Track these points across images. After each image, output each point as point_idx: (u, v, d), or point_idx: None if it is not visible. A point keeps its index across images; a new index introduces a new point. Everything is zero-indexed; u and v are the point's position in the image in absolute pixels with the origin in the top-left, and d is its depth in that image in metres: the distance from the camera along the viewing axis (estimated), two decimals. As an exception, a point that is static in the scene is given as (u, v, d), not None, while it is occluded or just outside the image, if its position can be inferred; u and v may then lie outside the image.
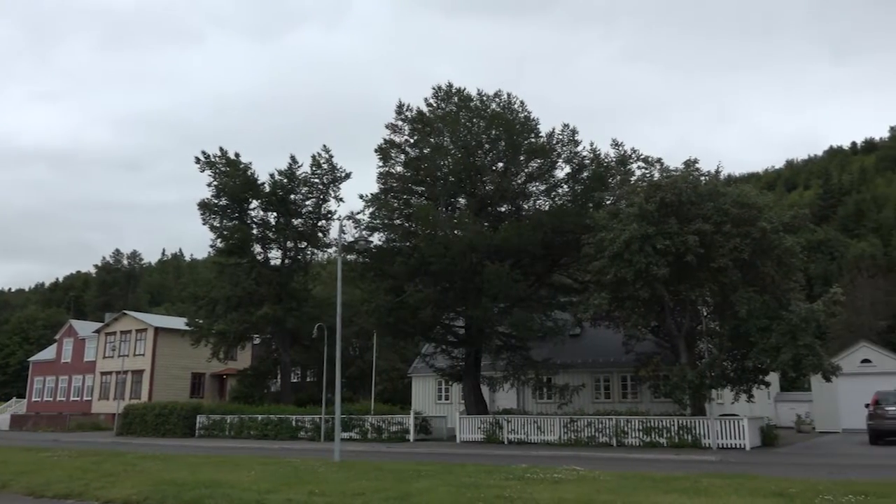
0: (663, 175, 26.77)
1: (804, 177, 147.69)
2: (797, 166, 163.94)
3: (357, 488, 13.24)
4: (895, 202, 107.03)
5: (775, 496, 11.53)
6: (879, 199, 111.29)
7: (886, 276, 64.12)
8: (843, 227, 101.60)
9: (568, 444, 27.88)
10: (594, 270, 25.92)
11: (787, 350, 23.66)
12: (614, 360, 33.50)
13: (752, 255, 24.42)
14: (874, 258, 75.64)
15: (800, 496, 11.40)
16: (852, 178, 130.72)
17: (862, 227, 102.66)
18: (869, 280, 55.70)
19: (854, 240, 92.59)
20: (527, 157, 31.21)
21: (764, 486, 12.82)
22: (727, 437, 25.60)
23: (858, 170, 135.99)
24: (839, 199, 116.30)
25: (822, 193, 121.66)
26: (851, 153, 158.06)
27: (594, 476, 14.78)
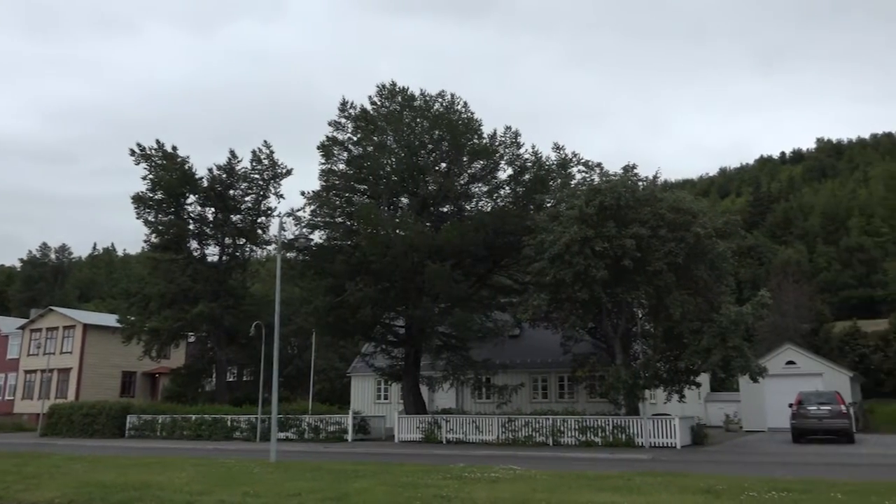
0: (603, 179, 27.28)
1: (736, 184, 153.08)
2: (730, 174, 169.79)
3: (293, 489, 13.06)
4: (820, 211, 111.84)
5: (704, 493, 11.88)
6: (805, 208, 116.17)
7: (810, 282, 66.99)
8: (771, 234, 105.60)
9: (506, 443, 28.12)
10: (534, 272, 26.24)
11: (718, 351, 24.43)
12: (552, 361, 33.97)
13: (687, 259, 25.12)
14: (799, 264, 78.83)
15: (727, 493, 11.78)
16: (781, 186, 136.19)
17: (789, 234, 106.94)
18: (794, 285, 57.95)
19: (781, 246, 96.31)
20: (469, 158, 31.37)
21: (693, 483, 13.20)
22: (659, 436, 26.24)
23: (787, 179, 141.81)
24: (768, 207, 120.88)
25: (752, 201, 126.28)
26: (780, 163, 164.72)
27: (531, 475, 14.94)
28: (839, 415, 27.23)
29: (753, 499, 11.13)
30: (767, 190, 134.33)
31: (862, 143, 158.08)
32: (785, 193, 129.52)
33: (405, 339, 32.62)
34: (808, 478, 14.12)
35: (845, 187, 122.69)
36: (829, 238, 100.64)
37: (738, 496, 11.40)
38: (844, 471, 16.71)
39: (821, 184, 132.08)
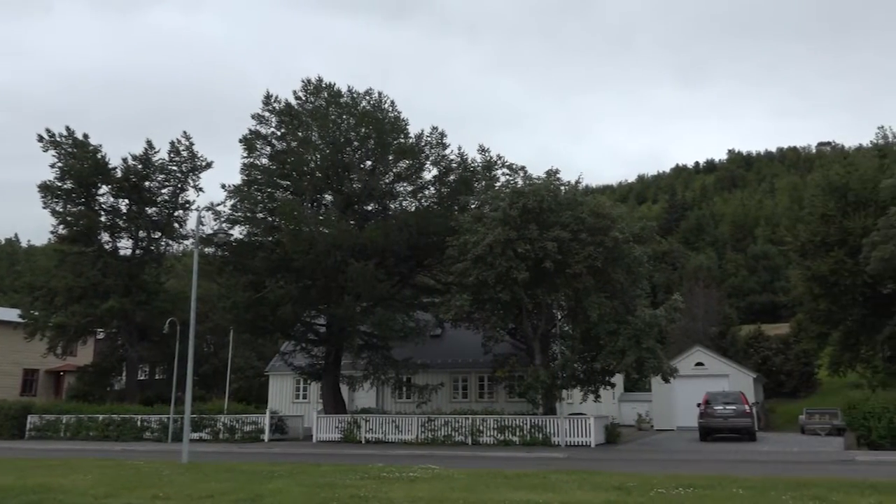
0: (527, 182, 27.69)
1: (653, 191, 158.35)
2: (647, 181, 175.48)
3: (205, 490, 12.70)
4: (730, 219, 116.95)
5: (615, 490, 12.23)
6: (717, 216, 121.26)
7: (719, 287, 69.88)
8: (684, 240, 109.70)
9: (425, 443, 28.18)
10: (457, 272, 26.40)
11: (632, 353, 25.21)
12: (473, 361, 34.25)
13: (605, 262, 25.80)
14: (710, 270, 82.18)
15: (637, 489, 12.17)
16: (694, 195, 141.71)
17: (701, 240, 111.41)
18: (704, 290, 60.32)
19: (693, 252, 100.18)
20: (395, 157, 31.27)
21: (606, 480, 13.58)
22: (575, 435, 26.86)
23: (700, 188, 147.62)
24: (682, 214, 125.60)
25: (668, 208, 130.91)
26: (695, 172, 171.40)
27: (449, 474, 15.03)
28: (743, 414, 28.52)
29: (662, 495, 11.53)
30: (682, 198, 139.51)
31: (769, 157, 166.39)
32: (698, 201, 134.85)
33: (326, 338, 32.23)
34: (713, 474, 14.74)
35: (753, 197, 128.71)
36: (737, 245, 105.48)
37: (648, 493, 11.79)
38: (746, 467, 17.54)
39: (731, 193, 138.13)
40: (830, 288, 34.77)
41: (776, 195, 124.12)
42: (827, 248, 35.30)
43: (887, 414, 24.14)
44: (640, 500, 11.08)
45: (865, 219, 33.57)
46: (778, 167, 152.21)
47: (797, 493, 11.40)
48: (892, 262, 28.39)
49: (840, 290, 34.38)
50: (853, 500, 10.77)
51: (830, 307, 35.93)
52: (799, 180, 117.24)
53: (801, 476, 14.42)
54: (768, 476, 14.38)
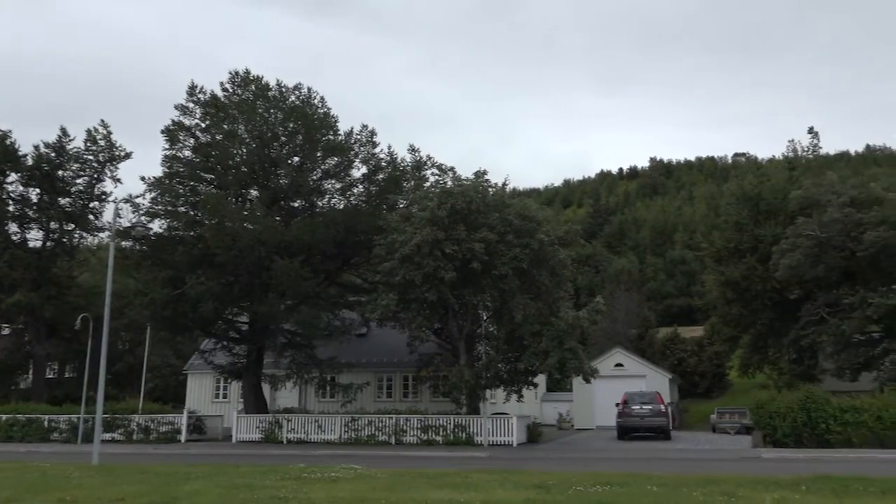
0: (455, 183, 27.84)
1: (578, 195, 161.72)
2: (573, 186, 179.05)
3: (116, 493, 12.21)
4: (651, 225, 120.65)
5: (536, 488, 12.42)
6: (639, 221, 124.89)
7: (640, 290, 72.04)
8: (607, 244, 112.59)
9: (348, 442, 27.97)
10: (384, 271, 26.31)
11: (555, 353, 25.69)
12: (398, 361, 34.18)
13: (530, 264, 26.20)
14: (630, 273, 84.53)
15: (556, 487, 12.40)
16: (618, 200, 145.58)
17: (623, 245, 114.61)
18: (625, 293, 62.07)
19: (616, 256, 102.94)
20: (324, 153, 30.88)
21: (527, 479, 13.78)
22: (498, 434, 27.17)
23: (623, 193, 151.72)
24: (606, 219, 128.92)
25: (592, 212, 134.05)
26: (619, 178, 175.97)
27: (371, 474, 14.94)
28: (659, 414, 29.48)
29: (580, 493, 11.79)
30: (606, 203, 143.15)
31: (689, 165, 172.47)
32: (621, 207, 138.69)
33: (248, 336, 31.54)
34: (629, 472, 15.16)
35: (673, 204, 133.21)
36: (657, 250, 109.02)
37: (567, 490, 12.03)
38: (661, 465, 18.12)
39: (652, 200, 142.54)
40: (742, 293, 36.33)
41: (694, 203, 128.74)
42: (740, 255, 36.88)
43: (791, 413, 25.39)
44: (559, 498, 11.29)
45: (775, 227, 35.24)
46: (697, 176, 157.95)
47: (707, 490, 11.85)
48: (799, 270, 29.89)
49: (751, 296, 35.97)
50: (758, 495, 11.27)
51: (742, 311, 37.55)
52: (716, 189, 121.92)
53: (711, 473, 15.01)
54: (681, 473, 14.90)
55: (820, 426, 25.04)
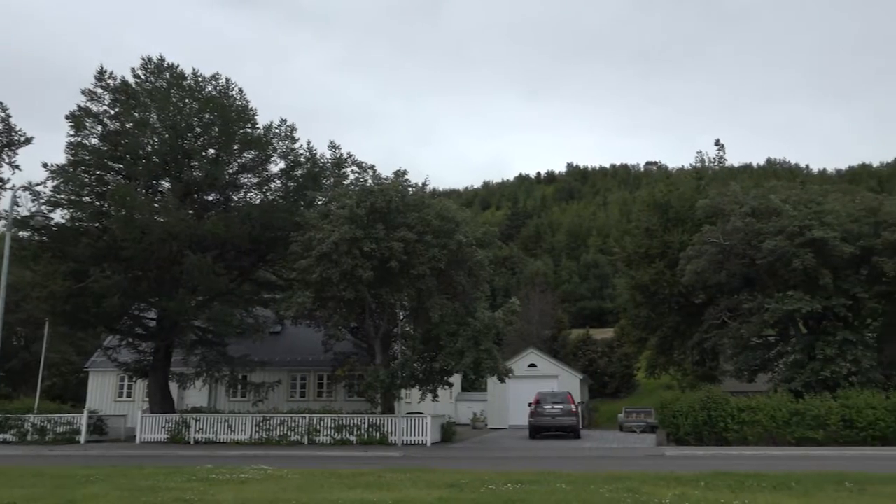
0: (375, 182, 27.72)
1: (497, 198, 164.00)
2: (492, 188, 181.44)
3: (7, 497, 11.53)
4: (566, 229, 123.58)
5: (448, 487, 12.51)
6: (555, 225, 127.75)
7: (554, 292, 73.77)
8: (524, 246, 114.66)
9: (259, 443, 27.41)
10: (300, 269, 25.92)
11: (471, 353, 25.95)
12: (313, 359, 33.74)
13: (448, 265, 26.37)
14: (546, 276, 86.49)
15: (469, 486, 12.52)
16: (535, 203, 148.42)
17: (539, 247, 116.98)
18: (540, 294, 63.41)
19: (532, 258, 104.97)
20: (241, 146, 30.10)
21: (439, 478, 13.85)
22: (412, 433, 27.20)
23: (541, 197, 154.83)
24: (523, 221, 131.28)
25: (510, 214, 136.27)
26: (536, 182, 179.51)
27: (282, 475, 14.69)
28: (569, 413, 30.22)
29: (492, 491, 11.95)
30: (524, 206, 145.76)
31: (603, 171, 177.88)
32: (538, 210, 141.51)
33: (156, 333, 30.39)
34: (540, 470, 15.49)
35: (588, 209, 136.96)
36: (571, 254, 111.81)
37: (479, 489, 12.16)
38: (570, 463, 18.58)
39: (568, 204, 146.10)
40: (651, 297, 37.68)
41: (608, 208, 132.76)
42: (649, 260, 38.24)
43: (693, 413, 26.57)
44: (471, 497, 11.40)
45: (683, 234, 36.71)
46: (611, 182, 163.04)
47: (613, 486, 12.24)
48: (704, 276, 31.23)
49: (659, 299, 37.34)
50: (660, 491, 11.72)
51: (650, 314, 38.94)
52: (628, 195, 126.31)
53: (617, 470, 15.51)
54: (589, 471, 15.33)
55: (719, 425, 26.30)
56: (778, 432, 25.78)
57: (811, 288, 28.48)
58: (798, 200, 30.66)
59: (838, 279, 28.62)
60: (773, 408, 26.16)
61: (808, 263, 27.89)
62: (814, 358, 28.34)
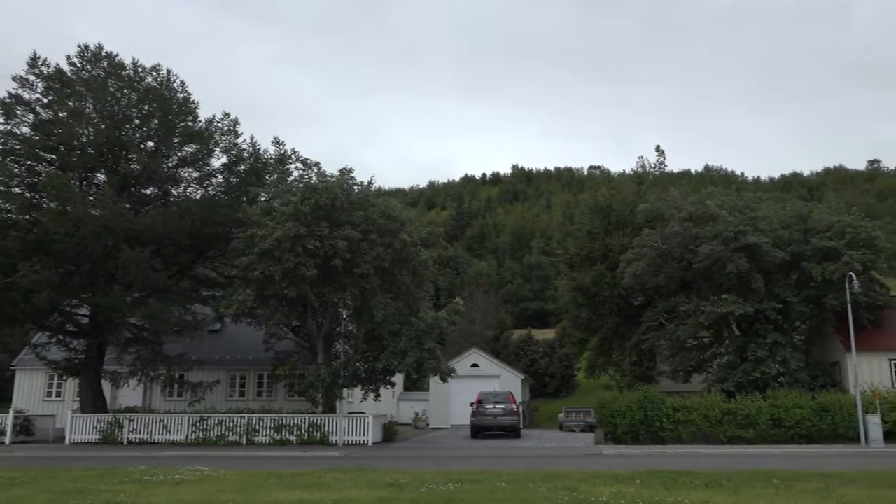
0: (320, 179, 27.43)
1: (442, 198, 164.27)
2: (437, 188, 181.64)
3: (-76, 502, 11.00)
4: (511, 230, 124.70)
5: (388, 486, 12.48)
6: (499, 226, 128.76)
7: (497, 293, 74.35)
8: (469, 247, 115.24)
9: (196, 443, 26.83)
10: (242, 266, 25.48)
11: (413, 353, 25.93)
12: (253, 358, 33.20)
13: (392, 264, 26.28)
14: (489, 276, 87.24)
15: (409, 486, 12.52)
16: (480, 204, 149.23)
17: (483, 248, 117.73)
18: (484, 295, 63.81)
19: (476, 259, 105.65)
20: (182, 140, 29.35)
21: (380, 478, 13.81)
22: (353, 433, 27.04)
23: (486, 198, 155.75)
24: (468, 222, 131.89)
25: (455, 215, 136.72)
26: (482, 183, 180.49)
27: (219, 475, 14.41)
28: (510, 413, 30.49)
29: (433, 490, 11.97)
30: (469, 206, 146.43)
31: (548, 174, 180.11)
32: (483, 211, 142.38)
33: (89, 330, 29.37)
34: (480, 469, 15.60)
35: (532, 211, 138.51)
36: (515, 255, 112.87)
37: (419, 488, 12.17)
38: (510, 462, 18.77)
39: (513, 206, 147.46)
40: (592, 298, 38.34)
41: (552, 210, 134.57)
42: (591, 262, 38.91)
43: (630, 412, 27.17)
44: (412, 496, 11.40)
45: (624, 238, 37.49)
46: (555, 185, 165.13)
47: (552, 485, 12.41)
48: (643, 278, 31.97)
49: (599, 301, 38.04)
50: (597, 489, 11.95)
51: (591, 316, 39.64)
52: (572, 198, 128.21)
53: (555, 469, 15.74)
54: (528, 470, 15.51)
55: (655, 424, 26.97)
56: (711, 431, 26.58)
57: (744, 291, 29.46)
58: (733, 207, 31.70)
59: (769, 283, 29.69)
60: (707, 407, 26.96)
61: (742, 268, 28.84)
62: (745, 359, 29.33)
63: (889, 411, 25.91)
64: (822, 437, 25.91)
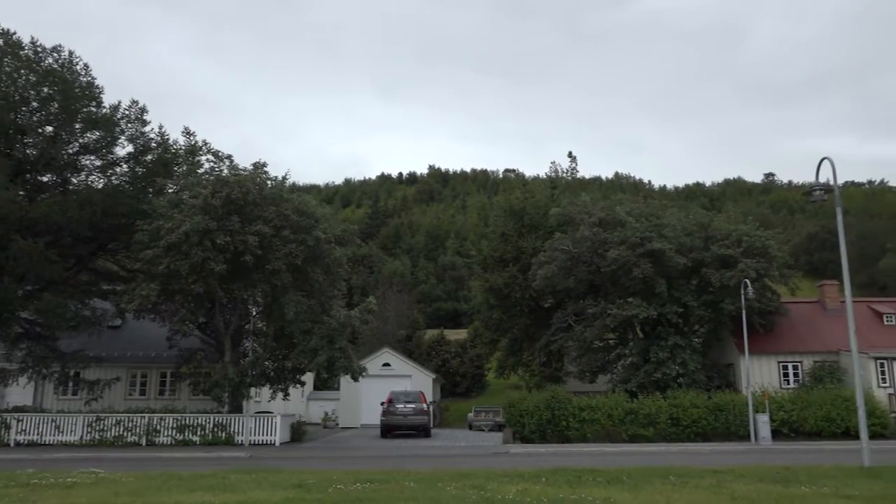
0: (232, 172, 26.70)
1: (358, 196, 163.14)
2: (353, 185, 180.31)
3: None
4: (426, 230, 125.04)
5: (295, 487, 12.28)
6: (414, 226, 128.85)
7: (411, 292, 74.42)
8: (383, 246, 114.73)
9: (92, 444, 25.63)
10: (146, 259, 24.53)
11: (325, 352, 25.62)
12: (155, 356, 31.93)
13: (305, 261, 25.88)
14: (403, 276, 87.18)
15: (316, 486, 12.36)
16: (396, 203, 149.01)
17: (398, 247, 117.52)
18: (397, 294, 63.73)
19: (390, 258, 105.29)
20: (84, 126, 27.88)
21: (286, 478, 13.57)
22: (260, 433, 26.48)
23: (402, 197, 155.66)
24: (383, 221, 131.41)
25: (370, 213, 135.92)
26: (398, 182, 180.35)
27: (115, 478, 13.81)
28: (421, 412, 30.61)
29: (340, 491, 11.86)
30: (384, 205, 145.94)
31: (464, 176, 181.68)
32: (399, 210, 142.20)
33: (-26, 325, 27.54)
34: (389, 469, 15.58)
35: (447, 212, 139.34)
36: (429, 255, 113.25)
37: (327, 489, 12.04)
38: (419, 461, 18.81)
39: (428, 206, 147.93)
40: (504, 299, 38.98)
41: (467, 212, 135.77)
42: (504, 264, 39.54)
43: (538, 412, 27.78)
44: (319, 497, 11.26)
45: (536, 241, 38.29)
46: (470, 186, 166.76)
47: (460, 484, 12.53)
48: (553, 281, 32.73)
49: (511, 302, 38.71)
50: (504, 487, 12.14)
51: (502, 316, 40.29)
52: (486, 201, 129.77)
53: (464, 468, 15.90)
54: (437, 469, 15.60)
55: (561, 423, 27.69)
56: (614, 430, 27.51)
57: (648, 295, 30.63)
58: (640, 214, 32.92)
59: (672, 288, 30.99)
60: (611, 407, 27.90)
61: (647, 272, 29.98)
62: (648, 360, 30.51)
63: (777, 410, 27.54)
64: (716, 435, 27.25)
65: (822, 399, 27.89)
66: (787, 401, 28.09)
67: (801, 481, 12.98)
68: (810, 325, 33.83)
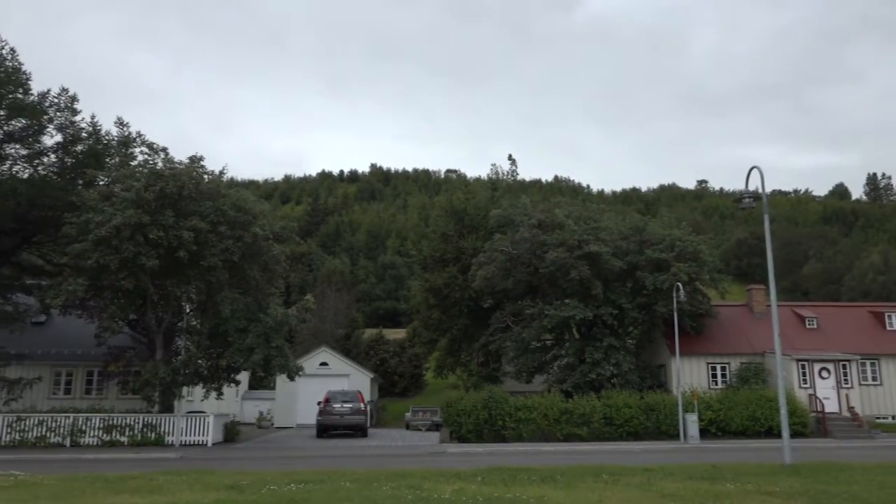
0: (167, 165, 25.99)
1: (297, 193, 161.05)
2: (293, 182, 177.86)
3: None
4: (366, 228, 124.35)
5: (228, 489, 12.03)
6: (355, 224, 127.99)
7: (350, 291, 73.83)
8: (322, 244, 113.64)
9: (11, 446, 24.58)
10: (73, 253, 23.65)
11: (261, 350, 25.18)
12: (82, 353, 30.78)
13: (242, 258, 25.41)
14: (343, 274, 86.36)
15: (250, 487, 12.13)
16: (336, 201, 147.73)
17: (338, 245, 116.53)
18: (336, 293, 63.10)
19: (330, 256, 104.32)
20: (9, 113, 26.66)
21: (219, 479, 13.28)
22: (192, 433, 25.87)
23: (342, 195, 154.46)
24: (323, 219, 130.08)
25: (310, 210, 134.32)
26: (339, 179, 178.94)
27: (36, 481, 13.26)
28: (358, 412, 30.41)
29: (274, 491, 11.67)
30: (325, 203, 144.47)
31: (406, 175, 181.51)
32: (339, 208, 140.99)
33: None
34: (325, 469, 15.43)
35: (388, 211, 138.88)
36: (369, 254, 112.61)
37: (261, 490, 11.83)
38: (356, 461, 18.70)
39: (370, 204, 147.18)
40: (443, 299, 39.10)
41: (408, 211, 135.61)
42: (444, 264, 39.67)
43: (475, 412, 27.97)
44: (252, 498, 11.06)
45: (476, 241, 38.56)
46: (412, 186, 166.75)
47: (396, 483, 12.50)
48: (493, 281, 33.03)
49: (450, 302, 38.87)
50: (440, 486, 12.17)
51: (441, 316, 40.41)
52: (428, 200, 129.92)
53: (400, 468, 15.88)
54: (373, 469, 15.53)
55: (498, 423, 27.94)
56: (549, 429, 27.92)
57: (585, 297, 31.20)
58: (579, 216, 33.52)
59: (608, 290, 31.65)
60: (546, 407, 28.31)
61: (584, 274, 30.53)
62: (584, 361, 31.08)
63: (705, 410, 28.45)
64: (648, 434, 27.96)
65: (748, 399, 28.94)
66: (714, 401, 29.03)
67: (726, 478, 13.43)
68: (738, 327, 35.04)
